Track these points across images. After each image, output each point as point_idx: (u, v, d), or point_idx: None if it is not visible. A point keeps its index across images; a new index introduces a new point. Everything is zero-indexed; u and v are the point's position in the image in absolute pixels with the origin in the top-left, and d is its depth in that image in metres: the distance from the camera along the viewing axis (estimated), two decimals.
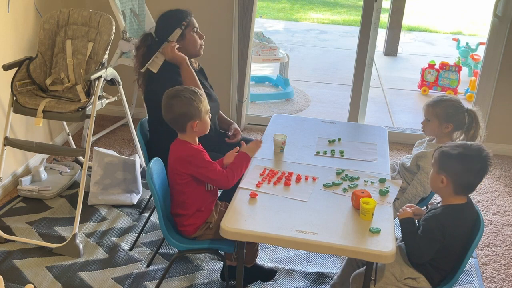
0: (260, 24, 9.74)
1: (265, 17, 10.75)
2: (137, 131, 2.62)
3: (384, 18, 7.81)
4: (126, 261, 2.69)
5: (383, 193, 2.18)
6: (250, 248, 2.37)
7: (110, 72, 3.04)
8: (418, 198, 2.51)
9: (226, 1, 4.01)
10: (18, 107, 2.86)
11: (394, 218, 2.10)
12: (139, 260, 2.70)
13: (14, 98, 2.86)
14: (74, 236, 2.71)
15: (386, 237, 1.89)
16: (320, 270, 2.69)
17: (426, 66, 5.96)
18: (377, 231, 1.91)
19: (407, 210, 2.08)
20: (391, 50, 7.74)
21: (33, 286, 1.82)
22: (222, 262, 2.57)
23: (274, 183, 2.23)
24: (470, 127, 2.48)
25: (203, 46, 2.72)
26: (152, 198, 3.06)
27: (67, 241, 2.71)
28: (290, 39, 8.80)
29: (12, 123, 3.03)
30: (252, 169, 2.33)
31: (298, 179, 2.26)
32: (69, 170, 3.42)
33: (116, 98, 3.29)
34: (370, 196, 2.03)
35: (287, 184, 2.22)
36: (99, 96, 2.96)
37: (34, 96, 2.93)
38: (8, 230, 2.84)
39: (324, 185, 2.23)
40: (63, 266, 2.62)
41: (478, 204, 3.46)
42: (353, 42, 6.99)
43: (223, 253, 2.33)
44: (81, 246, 2.72)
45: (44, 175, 3.30)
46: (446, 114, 2.49)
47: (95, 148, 3.17)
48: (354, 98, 4.25)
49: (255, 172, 2.31)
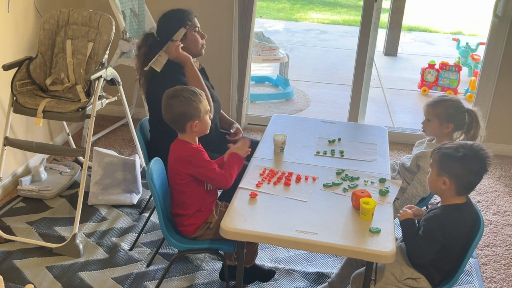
0: (260, 24, 9.74)
1: (265, 17, 10.75)
2: (137, 131, 2.62)
3: (384, 18, 7.80)
4: (126, 261, 2.69)
5: (383, 193, 2.18)
6: (250, 248, 2.37)
7: (110, 72, 3.04)
8: (418, 198, 2.50)
9: (226, 1, 4.01)
10: (18, 107, 2.86)
11: (394, 218, 2.10)
12: (139, 260, 2.70)
13: (14, 98, 2.86)
14: (74, 236, 2.71)
15: (386, 237, 1.89)
16: (320, 270, 2.69)
17: (426, 66, 5.96)
18: (377, 231, 1.91)
19: (407, 211, 2.08)
20: (391, 50, 7.74)
21: (33, 286, 1.82)
22: (222, 262, 2.57)
23: (274, 183, 2.23)
24: (471, 127, 2.49)
25: (205, 46, 2.72)
26: (152, 198, 3.06)
27: (67, 241, 2.71)
28: (290, 39, 8.79)
29: (12, 123, 3.03)
30: (252, 169, 2.33)
31: (298, 179, 2.26)
32: (69, 170, 3.42)
33: (116, 98, 3.29)
34: (370, 196, 2.03)
35: (287, 184, 2.22)
36: (99, 96, 2.96)
37: (34, 96, 2.93)
38: (8, 230, 2.84)
39: (324, 185, 2.23)
40: (63, 266, 2.62)
41: (478, 204, 3.46)
42: (353, 42, 6.99)
43: (223, 253, 2.33)
44: (81, 246, 2.72)
45: (44, 175, 3.30)
46: (446, 114, 2.49)
47: (95, 148, 3.17)
48: (354, 98, 4.25)
49: (255, 172, 2.31)
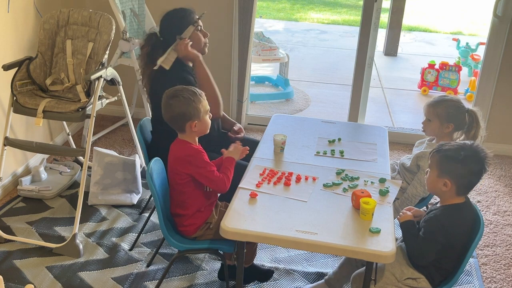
0: (260, 24, 9.74)
1: (265, 17, 10.75)
2: (137, 131, 2.62)
3: (384, 18, 7.80)
4: (126, 261, 2.69)
5: (383, 193, 2.18)
6: (249, 248, 2.37)
7: (110, 72, 3.04)
8: (418, 198, 2.50)
9: (226, 1, 4.01)
10: (18, 107, 2.86)
11: (394, 218, 2.09)
12: (139, 260, 2.70)
13: (14, 98, 2.86)
14: (74, 236, 2.71)
15: (386, 237, 1.89)
16: (320, 270, 2.69)
17: (426, 66, 5.96)
18: (377, 231, 1.91)
19: (407, 213, 2.07)
20: (391, 50, 7.74)
21: (33, 286, 1.82)
22: (221, 262, 2.57)
23: (274, 183, 2.23)
24: (471, 127, 2.49)
25: (208, 44, 2.72)
26: (152, 198, 3.06)
27: (67, 241, 2.71)
28: (290, 39, 8.79)
29: (12, 123, 3.03)
30: (252, 169, 2.33)
31: (298, 179, 2.26)
32: (69, 170, 3.42)
33: (116, 98, 3.29)
34: (370, 196, 2.03)
35: (287, 184, 2.22)
36: (99, 96, 2.96)
37: (34, 96, 2.93)
38: (8, 230, 2.84)
39: (324, 185, 2.23)
40: (63, 266, 2.62)
41: (478, 204, 3.46)
42: (353, 42, 6.99)
43: (223, 253, 2.33)
44: (81, 246, 2.72)
45: (44, 175, 3.30)
46: (447, 114, 2.49)
47: (95, 148, 3.17)
48: (354, 98, 4.25)
49: (255, 172, 2.31)
